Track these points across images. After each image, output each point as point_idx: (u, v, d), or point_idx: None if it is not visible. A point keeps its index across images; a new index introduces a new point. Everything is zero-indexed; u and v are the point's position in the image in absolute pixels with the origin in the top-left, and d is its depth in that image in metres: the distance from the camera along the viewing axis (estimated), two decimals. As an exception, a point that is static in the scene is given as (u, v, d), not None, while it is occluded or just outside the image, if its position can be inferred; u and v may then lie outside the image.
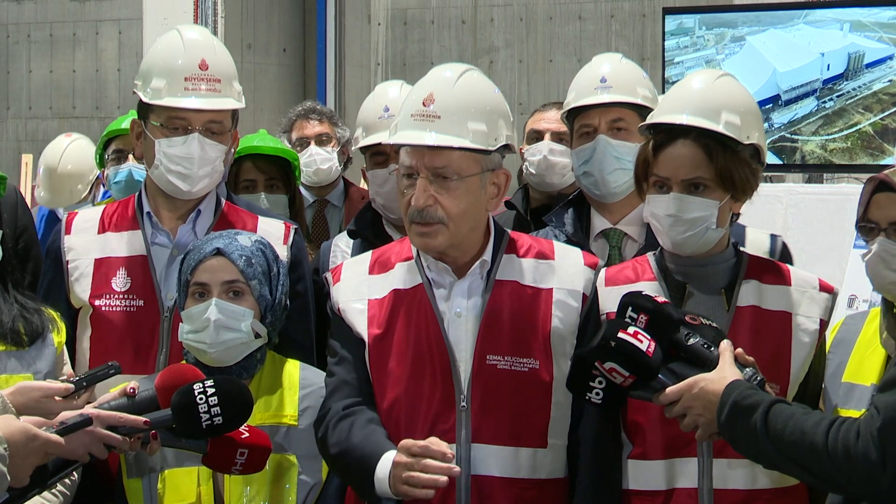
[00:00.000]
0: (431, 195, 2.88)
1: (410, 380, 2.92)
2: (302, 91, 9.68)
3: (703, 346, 2.72)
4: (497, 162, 2.95)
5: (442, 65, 3.05)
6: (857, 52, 6.00)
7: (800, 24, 6.13)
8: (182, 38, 3.48)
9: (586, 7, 9.28)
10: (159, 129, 3.41)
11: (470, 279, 2.95)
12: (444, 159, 2.88)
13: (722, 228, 3.02)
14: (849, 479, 2.48)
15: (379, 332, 2.96)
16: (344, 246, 3.95)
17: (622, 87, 3.62)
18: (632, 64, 3.77)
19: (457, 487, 2.86)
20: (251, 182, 4.48)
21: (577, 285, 2.97)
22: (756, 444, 2.57)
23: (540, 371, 2.91)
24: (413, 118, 2.91)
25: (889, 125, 6.02)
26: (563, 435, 2.95)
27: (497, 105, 2.97)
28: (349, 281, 3.05)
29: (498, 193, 2.96)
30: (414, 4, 9.73)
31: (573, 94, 3.69)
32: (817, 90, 6.09)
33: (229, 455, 2.85)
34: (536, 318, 2.92)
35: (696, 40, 6.31)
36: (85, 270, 3.45)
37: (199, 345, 3.08)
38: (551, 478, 2.93)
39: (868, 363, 2.87)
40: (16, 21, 10.94)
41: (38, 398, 2.81)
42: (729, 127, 2.99)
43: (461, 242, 2.93)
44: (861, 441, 2.46)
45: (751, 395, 2.60)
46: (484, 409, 2.88)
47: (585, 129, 3.63)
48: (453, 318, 2.93)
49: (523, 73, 9.37)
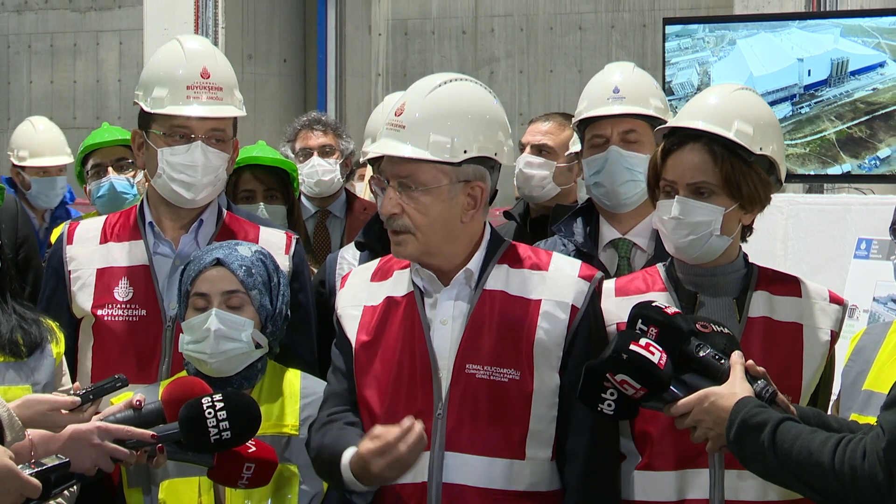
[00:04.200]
0: (398, 203, 2.86)
1: (392, 386, 2.91)
2: (302, 101, 9.68)
3: (714, 358, 2.71)
4: (471, 173, 2.89)
5: (433, 74, 3.03)
6: (840, 58, 5.94)
7: (792, 28, 6.08)
8: (183, 48, 3.48)
9: (587, 17, 9.28)
10: (162, 138, 3.41)
11: (457, 288, 2.94)
12: (407, 169, 2.86)
13: (728, 237, 3.01)
14: (856, 498, 2.46)
15: (367, 339, 2.95)
16: (351, 258, 3.94)
17: (635, 98, 3.60)
18: (644, 74, 3.76)
19: (428, 495, 2.86)
20: (250, 192, 4.49)
21: (567, 297, 2.93)
22: (765, 463, 2.56)
23: (520, 382, 2.88)
24: (386, 127, 2.92)
25: (854, 134, 5.95)
26: (546, 448, 2.91)
27: (473, 118, 2.90)
28: (351, 287, 3.06)
29: (475, 205, 2.90)
30: (414, 15, 9.74)
31: (585, 104, 3.67)
32: (796, 95, 6.04)
33: (236, 469, 2.84)
34: (521, 329, 2.90)
35: (696, 42, 6.29)
36: (87, 280, 3.45)
37: (200, 355, 3.08)
38: (532, 490, 2.90)
39: (888, 371, 2.86)
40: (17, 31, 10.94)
41: (45, 411, 2.79)
42: (740, 135, 2.99)
43: (436, 252, 2.91)
44: (867, 461, 2.44)
45: (759, 413, 2.59)
46: (459, 417, 2.87)
47: (597, 139, 3.62)
48: (439, 327, 2.92)
49: (524, 83, 9.36)
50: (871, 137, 5.94)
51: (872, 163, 5.95)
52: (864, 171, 5.96)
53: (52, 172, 6.03)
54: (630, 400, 2.69)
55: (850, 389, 2.92)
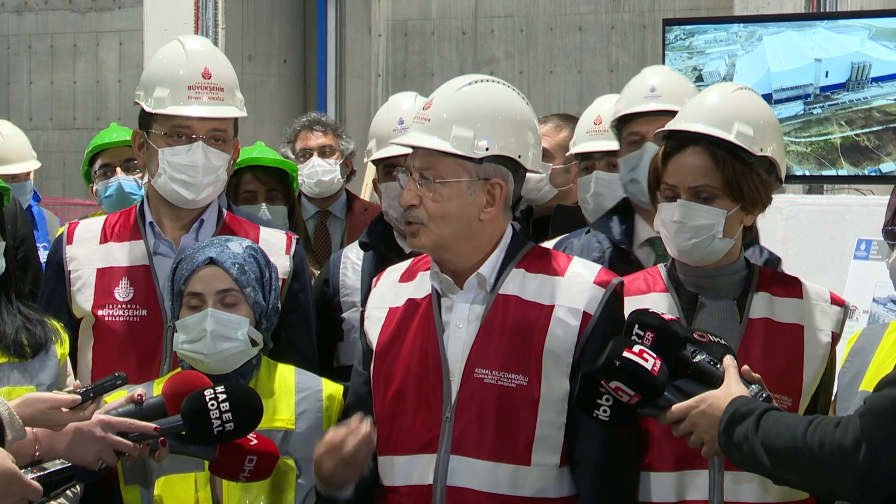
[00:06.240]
0: (417, 195, 2.90)
1: (406, 388, 2.93)
2: (302, 102, 9.69)
3: (710, 363, 2.71)
4: (493, 171, 2.91)
5: (466, 75, 3.06)
6: (862, 62, 5.89)
7: (819, 27, 6.03)
8: (184, 48, 3.48)
9: (587, 18, 9.28)
10: (163, 138, 3.41)
11: (472, 291, 2.94)
12: (427, 161, 2.90)
13: (730, 239, 3.00)
14: (825, 471, 2.44)
15: (387, 341, 2.98)
16: (354, 257, 3.95)
17: (671, 97, 3.63)
18: (681, 76, 3.84)
19: (433, 498, 2.87)
20: (251, 193, 4.50)
21: (579, 304, 2.91)
22: (748, 448, 2.54)
23: (528, 388, 2.88)
24: (414, 121, 2.97)
25: (861, 142, 5.91)
26: (554, 454, 2.90)
27: (507, 116, 2.94)
28: (382, 288, 3.09)
29: (494, 203, 2.92)
30: (414, 15, 9.74)
31: (623, 103, 3.72)
32: (810, 95, 6.00)
33: (238, 462, 2.85)
34: (532, 335, 2.90)
35: (729, 35, 6.26)
36: (87, 280, 3.45)
37: (196, 355, 3.07)
38: (539, 497, 2.89)
39: (886, 372, 2.85)
40: (16, 32, 10.94)
41: (45, 409, 2.79)
42: (740, 137, 2.99)
43: (449, 246, 2.92)
44: (839, 430, 2.43)
45: (749, 403, 2.59)
46: (467, 421, 2.88)
47: (633, 136, 3.66)
48: (454, 330, 2.93)
49: (524, 84, 9.35)
50: (878, 148, 5.89)
51: (872, 173, 5.93)
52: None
53: (20, 178, 6.01)
54: (625, 406, 2.69)
55: (846, 390, 2.92)
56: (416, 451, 2.90)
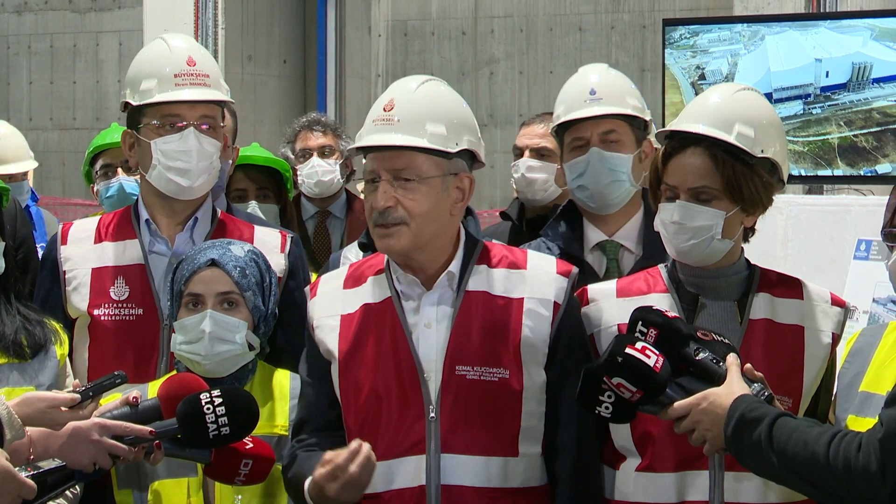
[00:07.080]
0: (392, 196, 2.88)
1: (379, 393, 2.91)
2: (302, 102, 9.69)
3: (712, 361, 2.71)
4: (460, 166, 2.95)
5: (406, 77, 3.09)
6: (863, 63, 5.87)
7: (821, 27, 6.01)
8: (167, 44, 3.53)
9: (586, 18, 9.29)
10: (154, 129, 3.42)
11: (439, 291, 2.94)
12: (404, 161, 2.89)
13: (730, 240, 3.00)
14: (848, 491, 2.46)
15: (349, 348, 2.95)
16: (354, 258, 3.94)
17: (612, 99, 3.60)
18: (619, 74, 3.76)
19: (427, 498, 2.87)
20: (242, 192, 4.52)
21: (548, 294, 2.95)
22: (760, 457, 2.56)
23: (510, 380, 2.90)
24: (374, 123, 2.94)
25: (859, 143, 5.88)
26: (537, 443, 2.94)
27: (460, 113, 2.98)
28: (325, 296, 3.05)
29: (462, 198, 2.95)
30: (414, 16, 9.74)
31: (562, 108, 3.66)
32: (811, 95, 5.98)
33: (233, 465, 2.84)
34: (507, 328, 2.92)
35: (733, 35, 6.25)
36: (82, 280, 3.44)
37: (193, 356, 3.07)
38: (525, 486, 2.92)
39: (886, 372, 2.86)
40: (16, 32, 10.94)
41: (44, 409, 2.78)
42: (741, 138, 2.98)
43: (425, 245, 2.92)
44: (862, 453, 2.45)
45: (757, 408, 2.59)
46: (454, 419, 2.88)
47: (577, 142, 3.61)
48: (423, 330, 2.93)
49: (523, 84, 9.37)
50: (876, 150, 5.87)
51: (868, 174, 5.92)
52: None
53: (17, 178, 6.01)
54: (627, 403, 2.70)
55: (846, 391, 2.92)
56: (400, 454, 2.88)
